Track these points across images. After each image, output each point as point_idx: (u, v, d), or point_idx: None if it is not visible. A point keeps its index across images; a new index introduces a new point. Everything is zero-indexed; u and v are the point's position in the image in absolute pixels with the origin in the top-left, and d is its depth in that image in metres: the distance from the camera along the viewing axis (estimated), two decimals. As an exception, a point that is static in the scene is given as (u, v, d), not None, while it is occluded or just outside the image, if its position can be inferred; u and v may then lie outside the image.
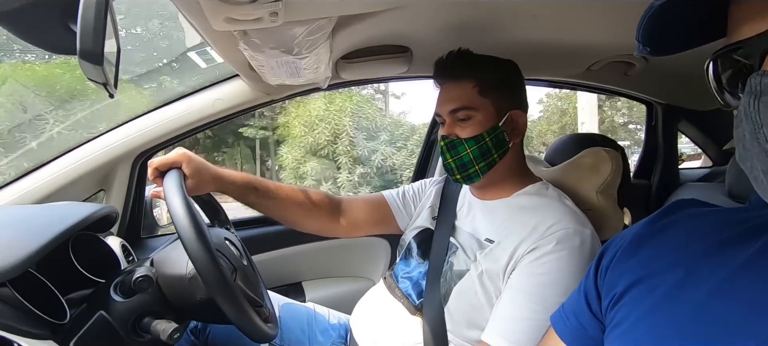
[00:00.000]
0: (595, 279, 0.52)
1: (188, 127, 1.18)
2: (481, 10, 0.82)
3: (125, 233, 1.24)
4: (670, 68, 1.26)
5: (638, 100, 1.70)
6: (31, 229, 0.72)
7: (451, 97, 0.84)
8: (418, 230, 0.96)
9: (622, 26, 0.92)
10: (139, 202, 1.27)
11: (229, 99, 1.18)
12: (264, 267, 1.31)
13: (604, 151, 0.90)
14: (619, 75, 1.30)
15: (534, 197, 0.83)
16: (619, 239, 0.52)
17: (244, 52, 0.78)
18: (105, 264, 0.90)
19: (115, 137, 1.13)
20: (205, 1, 0.52)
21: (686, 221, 0.48)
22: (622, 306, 0.45)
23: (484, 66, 0.84)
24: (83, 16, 0.39)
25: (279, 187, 0.97)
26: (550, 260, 0.71)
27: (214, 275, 0.63)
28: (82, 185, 1.12)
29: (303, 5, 0.62)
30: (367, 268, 1.60)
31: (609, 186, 0.88)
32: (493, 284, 0.76)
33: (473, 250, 0.82)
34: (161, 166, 0.78)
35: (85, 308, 0.73)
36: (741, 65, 0.34)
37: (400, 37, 0.98)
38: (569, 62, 1.22)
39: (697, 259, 0.42)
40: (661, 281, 0.43)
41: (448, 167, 0.85)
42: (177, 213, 0.66)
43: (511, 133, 0.83)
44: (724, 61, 0.36)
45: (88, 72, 0.44)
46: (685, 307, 0.39)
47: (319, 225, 1.02)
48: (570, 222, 0.74)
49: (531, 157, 1.07)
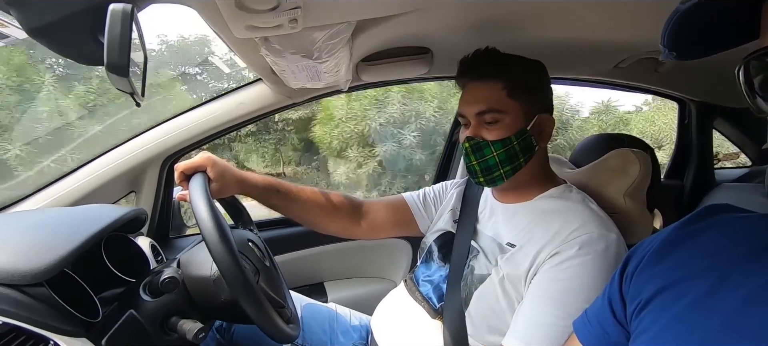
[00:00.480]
0: (621, 285, 0.50)
1: (214, 131, 1.22)
2: (503, 9, 0.81)
3: (154, 233, 1.28)
4: (703, 64, 1.21)
5: (669, 97, 1.64)
6: (67, 231, 0.76)
7: (477, 98, 0.80)
8: (439, 232, 0.96)
9: (651, 22, 0.88)
10: (167, 203, 1.32)
11: (252, 102, 1.20)
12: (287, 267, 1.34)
13: (631, 152, 0.87)
14: (649, 72, 1.26)
15: (557, 200, 0.81)
16: (646, 243, 0.50)
17: (266, 58, 0.79)
18: (135, 264, 0.94)
19: (145, 141, 1.17)
20: (226, 11, 0.53)
21: (719, 226, 0.45)
22: (648, 313, 0.44)
23: (513, 66, 0.81)
24: (110, 29, 0.40)
25: (301, 189, 0.98)
26: (572, 265, 0.69)
27: (237, 277, 0.65)
28: (114, 187, 1.17)
29: (322, 11, 0.63)
30: (388, 269, 1.60)
31: (637, 189, 0.85)
32: (514, 288, 0.75)
33: (494, 254, 0.81)
34: (187, 170, 0.81)
35: (116, 306, 0.76)
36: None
37: (420, 38, 0.97)
38: (595, 60, 1.18)
39: (730, 265, 0.40)
40: (689, 288, 0.41)
41: (471, 170, 0.83)
42: (201, 216, 0.67)
43: (538, 136, 0.81)
44: (756, 64, 0.35)
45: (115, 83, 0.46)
46: (716, 315, 0.38)
47: (340, 227, 1.03)
48: (594, 226, 0.72)
49: (555, 158, 1.05)
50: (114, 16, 0.41)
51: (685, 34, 0.37)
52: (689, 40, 0.38)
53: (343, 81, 1.01)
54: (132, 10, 0.42)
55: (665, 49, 0.39)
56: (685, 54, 0.39)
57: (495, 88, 0.78)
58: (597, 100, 6.10)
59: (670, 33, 0.37)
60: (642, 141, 1.03)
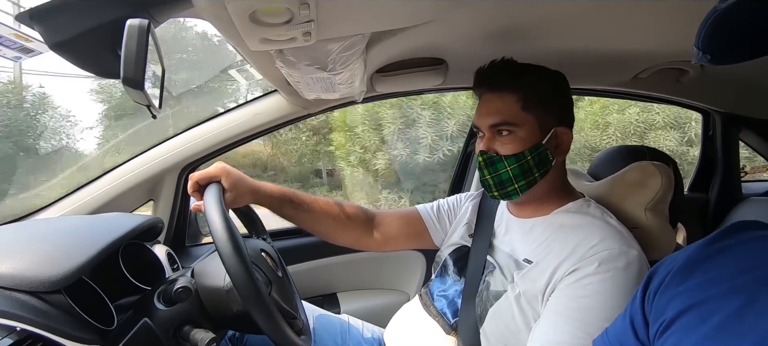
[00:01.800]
0: (643, 304, 0.48)
1: (230, 141, 1.23)
2: (518, 19, 0.80)
3: (171, 241, 1.30)
4: (728, 74, 1.17)
5: (692, 108, 1.59)
6: (85, 239, 0.77)
7: (491, 110, 0.79)
8: (454, 246, 0.94)
9: (673, 31, 0.86)
10: (184, 212, 1.34)
11: (267, 113, 1.22)
12: (300, 277, 1.34)
13: (652, 165, 0.84)
14: (671, 82, 1.22)
15: (575, 215, 0.79)
16: (669, 261, 0.48)
17: (281, 70, 0.80)
18: (151, 272, 0.95)
19: (163, 150, 1.20)
20: (240, 25, 0.54)
21: (747, 244, 0.43)
22: (672, 334, 0.42)
23: (529, 78, 0.79)
24: (126, 44, 0.41)
25: (314, 200, 0.99)
26: (592, 282, 0.66)
27: (250, 289, 0.65)
28: (133, 195, 1.20)
29: (335, 24, 0.63)
30: (402, 281, 1.59)
31: (659, 203, 0.82)
32: (531, 306, 0.73)
33: (511, 270, 0.78)
34: (201, 180, 0.82)
35: (131, 314, 0.77)
36: None
37: (435, 49, 0.97)
38: (615, 70, 1.15)
39: (760, 287, 0.38)
40: (716, 309, 0.39)
41: (485, 184, 0.81)
42: (215, 227, 0.68)
43: (554, 150, 0.79)
44: None
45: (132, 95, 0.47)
46: (745, 339, 0.36)
47: (353, 239, 1.02)
48: (614, 242, 0.69)
49: (573, 171, 1.02)
50: (131, 31, 0.42)
51: (722, 37, 0.35)
52: (726, 42, 0.36)
53: (358, 92, 1.02)
54: (148, 25, 0.43)
55: (699, 52, 0.37)
56: (721, 58, 0.36)
57: (509, 100, 0.77)
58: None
59: (705, 34, 0.35)
60: (664, 153, 1.00)
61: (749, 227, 0.46)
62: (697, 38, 0.36)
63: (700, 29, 0.35)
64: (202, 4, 0.49)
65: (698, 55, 0.37)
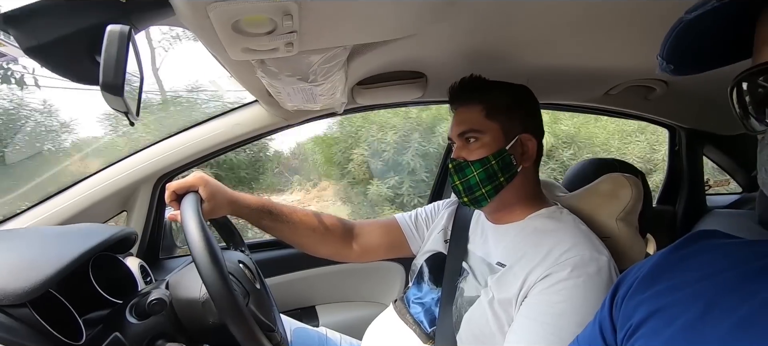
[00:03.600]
0: (611, 310, 0.50)
1: (208, 151, 1.21)
2: (496, 36, 0.83)
3: (144, 253, 1.26)
4: (693, 92, 1.24)
5: (660, 124, 1.66)
6: (53, 250, 0.74)
7: (460, 121, 0.85)
8: (429, 253, 0.95)
9: (641, 50, 0.90)
10: (158, 223, 1.31)
11: (247, 123, 1.21)
12: (278, 290, 1.32)
13: (623, 177, 0.88)
14: (640, 99, 1.28)
15: (547, 220, 0.81)
16: (636, 268, 0.50)
17: (262, 80, 0.80)
18: (123, 285, 0.92)
19: (138, 160, 1.17)
20: (223, 33, 0.54)
21: (708, 251, 0.45)
22: (639, 338, 0.43)
23: (493, 90, 0.85)
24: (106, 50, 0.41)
25: (293, 211, 0.98)
26: (565, 288, 0.68)
27: (227, 299, 0.64)
28: (105, 206, 1.16)
29: (318, 35, 0.64)
30: (381, 293, 1.58)
31: (629, 213, 0.85)
32: (504, 311, 0.74)
33: (484, 275, 0.80)
34: (178, 190, 0.80)
35: (101, 329, 0.74)
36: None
37: (415, 63, 0.99)
38: (588, 87, 1.20)
39: (718, 292, 0.40)
40: (679, 314, 0.41)
41: (456, 190, 0.85)
42: (192, 237, 0.67)
43: (520, 157, 0.82)
44: (749, 83, 0.34)
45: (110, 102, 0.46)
46: (706, 342, 0.37)
47: (332, 250, 1.02)
48: (585, 248, 0.71)
49: (547, 182, 1.05)
50: (111, 37, 0.41)
51: (683, 49, 0.37)
52: (686, 55, 0.38)
53: (339, 104, 1.02)
54: (129, 32, 0.42)
55: (663, 62, 0.38)
56: (682, 68, 0.39)
57: (475, 110, 0.83)
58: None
59: (671, 43, 0.37)
60: (633, 166, 1.04)
61: (710, 236, 0.48)
62: (662, 48, 0.37)
63: (665, 40, 0.37)
64: (184, 11, 0.49)
65: (662, 64, 0.39)
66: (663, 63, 0.39)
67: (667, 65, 0.39)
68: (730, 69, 0.38)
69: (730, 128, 1.58)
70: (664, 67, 0.39)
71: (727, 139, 1.64)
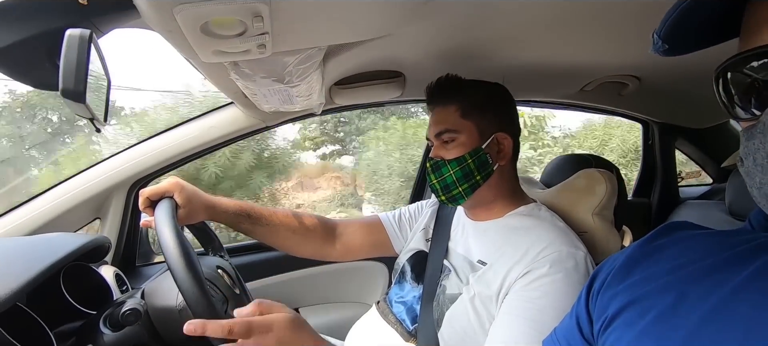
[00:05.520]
0: (587, 302, 0.51)
1: (183, 155, 1.19)
2: (472, 35, 0.83)
3: (120, 261, 1.23)
4: (664, 87, 1.27)
5: (634, 119, 1.71)
6: (21, 262, 0.72)
7: (436, 121, 0.85)
8: (412, 252, 0.95)
9: (614, 47, 0.93)
10: (134, 230, 1.27)
11: (224, 126, 1.19)
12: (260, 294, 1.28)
13: (598, 172, 0.89)
14: (613, 95, 1.31)
15: (526, 218, 0.82)
16: (611, 261, 0.51)
17: (237, 82, 0.78)
18: (98, 295, 0.89)
19: (110, 166, 1.13)
20: (192, 36, 0.52)
21: (678, 243, 0.47)
22: (614, 330, 0.44)
23: (468, 89, 0.85)
24: (66, 55, 0.39)
25: (273, 213, 0.97)
26: (544, 284, 0.69)
27: (204, 306, 0.62)
28: (77, 214, 1.12)
29: (291, 36, 0.63)
30: (364, 293, 1.58)
31: (604, 208, 0.87)
32: (485, 308, 0.75)
33: (465, 273, 0.81)
34: (152, 196, 0.78)
35: (74, 342, 0.72)
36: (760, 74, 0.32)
37: (392, 62, 0.99)
38: (563, 83, 1.22)
39: (689, 282, 0.41)
40: (652, 305, 0.41)
41: (433, 188, 0.85)
42: (166, 243, 0.65)
43: (496, 155, 0.83)
44: (734, 72, 0.34)
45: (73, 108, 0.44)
46: (678, 332, 0.38)
47: (314, 250, 1.01)
48: (563, 244, 0.73)
49: (526, 179, 1.07)
50: (71, 42, 0.40)
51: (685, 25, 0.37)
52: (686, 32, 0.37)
53: (316, 104, 1.01)
54: (90, 36, 0.41)
55: (659, 41, 0.38)
56: (676, 48, 0.38)
57: (450, 109, 0.83)
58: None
59: (671, 22, 0.36)
60: (607, 161, 1.07)
61: (681, 227, 0.49)
62: (662, 26, 0.37)
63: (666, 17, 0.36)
64: (150, 14, 0.48)
65: (657, 43, 0.38)
66: (659, 42, 0.38)
67: (662, 44, 0.38)
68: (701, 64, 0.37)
69: (701, 122, 1.64)
70: (659, 46, 0.38)
71: (698, 132, 1.70)
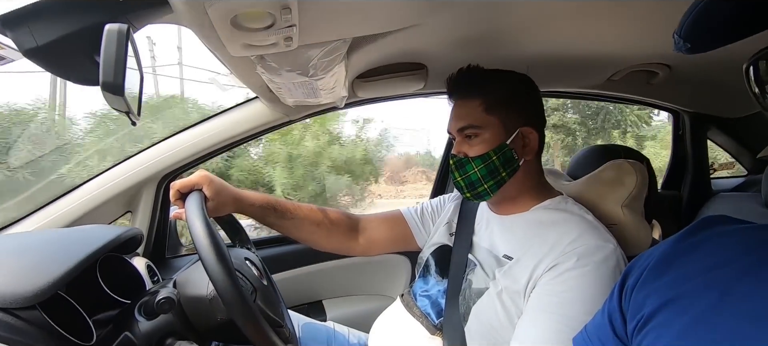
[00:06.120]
0: (620, 300, 0.49)
1: (210, 149, 1.21)
2: (497, 24, 0.82)
3: (151, 253, 1.27)
4: (696, 76, 1.22)
5: (663, 109, 1.65)
6: (60, 252, 0.75)
7: (459, 115, 0.83)
8: (435, 246, 0.95)
9: (642, 35, 0.90)
10: (164, 223, 1.31)
11: (249, 120, 1.21)
12: (285, 286, 1.32)
13: (627, 163, 0.87)
14: (642, 84, 1.27)
15: (553, 211, 0.81)
16: (645, 257, 0.50)
17: (262, 76, 0.79)
18: (131, 285, 0.92)
19: (141, 160, 1.17)
20: (222, 30, 0.54)
21: (717, 239, 0.45)
22: (650, 330, 0.43)
23: (492, 82, 0.83)
24: (105, 50, 0.41)
25: (298, 207, 0.98)
26: (572, 277, 0.68)
27: (234, 296, 0.64)
28: (109, 207, 1.16)
29: (317, 29, 0.63)
30: (387, 286, 1.59)
31: (634, 199, 0.85)
32: (513, 303, 0.74)
33: (492, 267, 0.80)
34: (183, 189, 0.80)
35: (111, 329, 0.74)
36: None
37: (415, 54, 0.98)
38: (590, 73, 1.19)
39: (733, 280, 0.39)
40: (692, 304, 0.40)
41: (457, 186, 0.84)
42: (197, 235, 0.67)
43: (521, 150, 0.81)
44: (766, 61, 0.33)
45: (111, 102, 0.46)
46: (721, 332, 0.37)
47: (337, 244, 1.02)
48: (591, 237, 0.71)
49: (551, 171, 1.05)
50: (109, 37, 0.41)
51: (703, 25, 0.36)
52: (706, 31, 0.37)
53: (340, 97, 1.02)
54: (127, 30, 0.42)
55: (680, 40, 0.38)
56: (699, 46, 0.38)
57: (473, 104, 0.81)
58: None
59: (690, 22, 0.36)
60: (637, 152, 1.04)
61: (719, 222, 0.47)
62: (681, 27, 0.37)
63: (683, 20, 0.36)
64: (182, 9, 0.49)
65: (678, 43, 0.38)
66: (680, 42, 0.38)
67: (684, 43, 0.38)
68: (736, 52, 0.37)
69: (735, 111, 1.57)
70: (680, 46, 0.38)
71: (732, 121, 1.63)
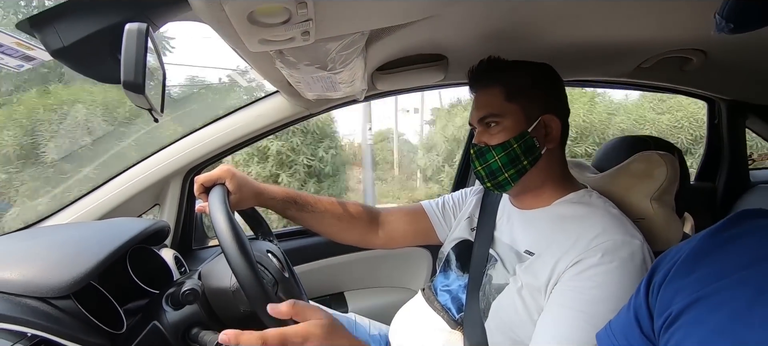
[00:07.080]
0: (647, 297, 0.47)
1: (234, 143, 1.24)
2: (519, 14, 0.80)
3: (178, 245, 1.31)
4: (734, 61, 1.16)
5: (697, 96, 1.58)
6: (93, 244, 0.78)
7: (479, 105, 0.82)
8: (456, 241, 0.94)
9: (673, 20, 0.85)
10: (190, 215, 1.35)
11: (270, 115, 1.22)
12: (307, 278, 1.34)
13: (657, 154, 0.83)
14: (674, 71, 1.21)
15: (576, 205, 0.78)
16: (674, 252, 0.47)
17: (282, 70, 0.80)
18: (159, 276, 0.96)
19: (167, 155, 1.20)
20: (239, 26, 0.54)
21: (754, 233, 0.42)
22: (679, 328, 0.41)
23: (512, 71, 0.81)
24: (126, 48, 0.42)
25: (318, 200, 0.99)
26: (596, 273, 0.66)
27: (255, 288, 0.65)
28: (139, 200, 1.21)
29: (334, 22, 0.63)
30: (408, 278, 1.59)
31: (664, 193, 0.81)
32: (534, 300, 0.72)
33: (512, 263, 0.78)
34: (206, 182, 0.82)
35: (140, 318, 0.77)
36: None
37: (435, 45, 0.97)
38: (618, 61, 1.15)
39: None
40: (725, 301, 0.38)
41: (478, 175, 0.83)
42: (220, 228, 0.68)
43: (543, 139, 0.79)
44: None
45: (133, 99, 0.47)
46: (756, 331, 0.35)
47: (358, 237, 1.03)
48: (617, 232, 0.69)
49: (576, 162, 1.02)
50: (130, 36, 0.42)
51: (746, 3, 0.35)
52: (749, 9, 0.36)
53: (359, 90, 1.02)
54: (147, 29, 0.43)
55: (722, 21, 0.37)
56: (743, 25, 0.37)
57: (493, 92, 0.80)
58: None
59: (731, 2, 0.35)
60: (668, 142, 0.99)
61: (756, 216, 0.44)
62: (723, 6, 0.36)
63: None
64: (200, 6, 0.49)
65: (720, 23, 0.37)
66: (722, 22, 0.37)
67: (726, 24, 0.37)
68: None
69: (777, 98, 1.48)
70: (722, 26, 0.37)
71: (773, 109, 1.54)
